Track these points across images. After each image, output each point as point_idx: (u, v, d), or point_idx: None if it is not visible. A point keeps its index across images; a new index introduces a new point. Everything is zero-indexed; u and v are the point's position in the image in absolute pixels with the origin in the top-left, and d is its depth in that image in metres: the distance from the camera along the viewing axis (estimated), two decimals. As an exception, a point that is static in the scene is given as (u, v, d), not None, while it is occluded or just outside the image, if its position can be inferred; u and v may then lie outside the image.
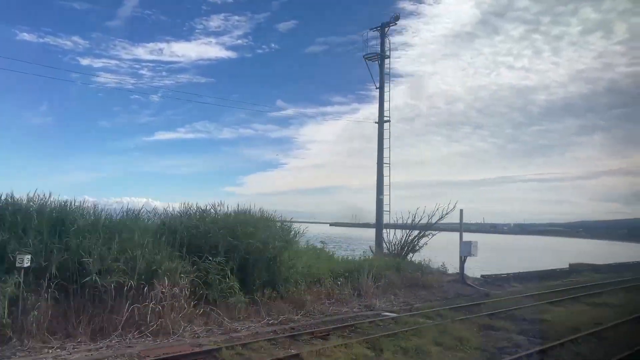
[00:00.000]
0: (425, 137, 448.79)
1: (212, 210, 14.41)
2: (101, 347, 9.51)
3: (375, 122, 24.59)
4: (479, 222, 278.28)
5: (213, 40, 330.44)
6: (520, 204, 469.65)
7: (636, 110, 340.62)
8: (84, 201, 12.33)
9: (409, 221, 22.81)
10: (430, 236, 22.91)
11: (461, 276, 21.11)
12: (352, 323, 12.33)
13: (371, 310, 14.66)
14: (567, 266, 32.58)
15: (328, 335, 11.14)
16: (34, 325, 9.42)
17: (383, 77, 25.20)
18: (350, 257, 20.99)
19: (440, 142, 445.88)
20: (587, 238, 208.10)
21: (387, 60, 25.38)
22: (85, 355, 9.03)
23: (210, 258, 12.54)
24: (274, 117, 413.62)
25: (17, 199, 11.32)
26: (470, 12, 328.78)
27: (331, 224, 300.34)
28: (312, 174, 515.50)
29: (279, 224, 15.35)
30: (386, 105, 24.98)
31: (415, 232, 22.84)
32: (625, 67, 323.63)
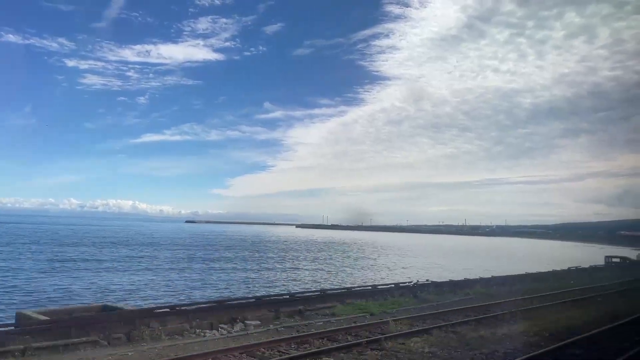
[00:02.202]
0: (412, 140, 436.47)
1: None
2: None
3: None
4: (461, 224, 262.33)
5: (200, 42, 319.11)
6: (507, 206, 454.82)
7: (619, 113, 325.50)
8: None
9: None
10: None
11: None
12: None
13: None
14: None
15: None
16: None
17: None
18: None
19: (427, 144, 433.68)
20: (566, 240, 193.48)
21: None
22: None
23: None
24: (262, 119, 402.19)
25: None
26: (456, 16, 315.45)
27: (297, 226, 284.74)
28: (299, 176, 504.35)
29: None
30: None
31: None
32: (609, 71, 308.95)
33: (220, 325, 14.99)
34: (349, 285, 27.02)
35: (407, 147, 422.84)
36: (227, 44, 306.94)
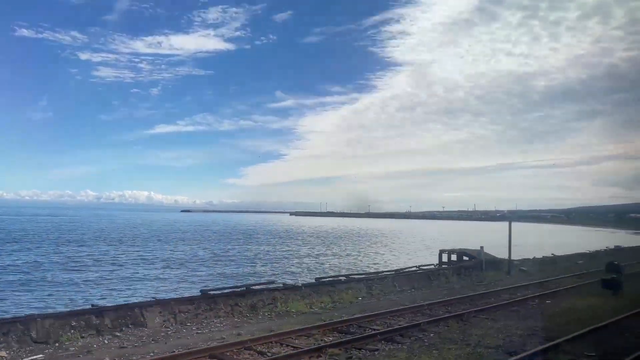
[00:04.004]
0: (425, 126, 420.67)
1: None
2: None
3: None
4: (469, 209, 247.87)
5: (211, 32, 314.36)
6: (521, 190, 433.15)
7: (635, 95, 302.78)
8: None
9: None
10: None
11: None
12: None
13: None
14: None
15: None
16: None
17: None
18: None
19: (440, 130, 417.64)
20: (574, 225, 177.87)
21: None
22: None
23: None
24: (273, 108, 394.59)
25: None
26: None
27: (291, 214, 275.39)
28: (312, 164, 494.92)
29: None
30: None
31: None
32: (624, 51, 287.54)
33: None
34: None
35: (420, 133, 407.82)
36: (238, 33, 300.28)
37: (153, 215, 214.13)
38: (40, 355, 9.35)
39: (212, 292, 13.69)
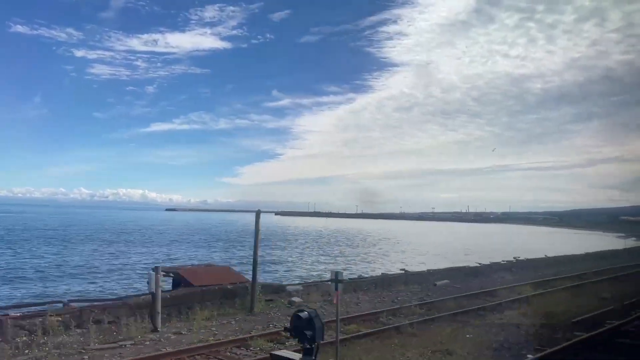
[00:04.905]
0: (422, 126, 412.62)
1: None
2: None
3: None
4: (463, 211, 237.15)
5: (208, 30, 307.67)
6: (517, 192, 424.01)
7: (632, 98, 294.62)
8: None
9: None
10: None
11: None
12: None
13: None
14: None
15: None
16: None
17: None
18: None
19: (437, 130, 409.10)
20: (566, 227, 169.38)
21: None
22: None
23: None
24: (270, 107, 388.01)
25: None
26: (465, 0, 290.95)
27: (277, 213, 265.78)
28: (309, 164, 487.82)
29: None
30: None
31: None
32: (620, 54, 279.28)
33: None
34: None
35: (417, 134, 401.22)
36: (234, 32, 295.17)
37: (132, 214, 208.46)
38: None
39: None
